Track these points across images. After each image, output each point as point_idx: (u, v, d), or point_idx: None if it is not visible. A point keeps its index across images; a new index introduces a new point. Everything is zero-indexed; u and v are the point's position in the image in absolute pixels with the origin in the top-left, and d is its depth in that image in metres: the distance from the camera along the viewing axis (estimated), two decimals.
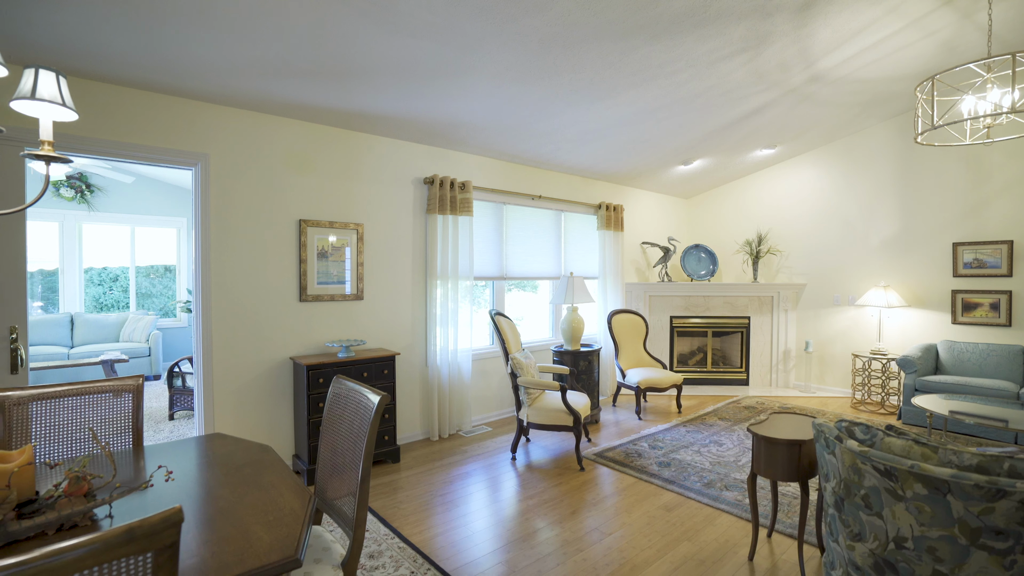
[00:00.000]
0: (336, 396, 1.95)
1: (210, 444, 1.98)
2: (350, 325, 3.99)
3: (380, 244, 4.16)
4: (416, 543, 2.72)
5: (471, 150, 4.68)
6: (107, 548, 0.82)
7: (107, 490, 1.49)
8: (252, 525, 1.36)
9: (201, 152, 3.34)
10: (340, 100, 3.47)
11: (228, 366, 3.44)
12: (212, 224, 3.37)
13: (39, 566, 0.76)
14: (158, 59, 2.81)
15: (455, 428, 4.54)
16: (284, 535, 1.30)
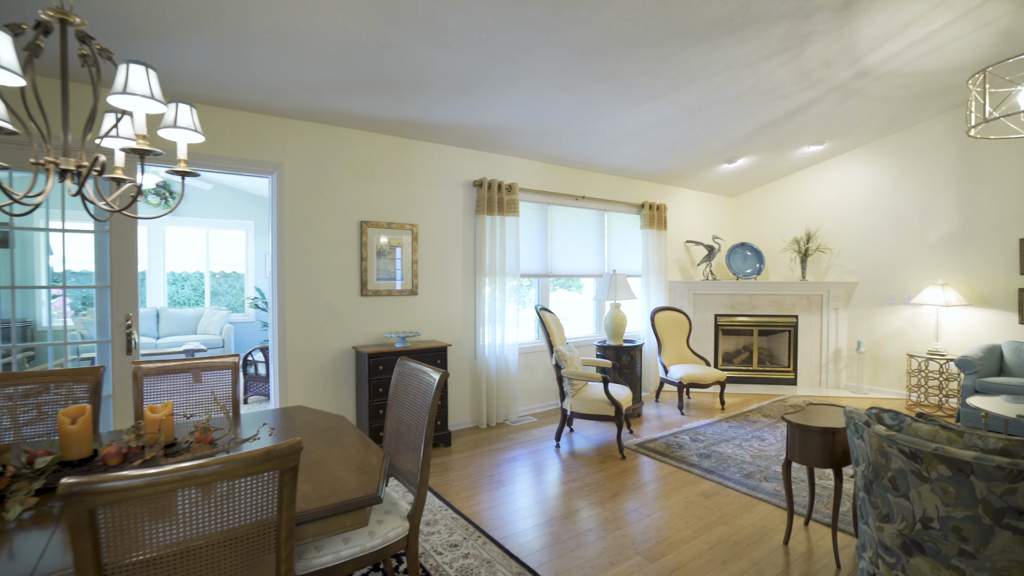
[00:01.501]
0: (401, 375, 2.23)
1: (295, 413, 2.31)
2: (406, 318, 4.32)
3: (433, 243, 4.47)
4: (467, 515, 2.98)
5: (517, 153, 4.92)
6: (253, 462, 1.11)
7: (225, 440, 1.82)
8: (340, 472, 1.64)
9: (277, 162, 3.74)
10: (396, 111, 3.79)
11: (299, 353, 3.83)
12: (286, 226, 3.77)
13: (215, 470, 1.04)
14: (242, 82, 3.20)
15: (502, 417, 4.79)
16: (367, 480, 1.57)
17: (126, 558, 1.07)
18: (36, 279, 5.46)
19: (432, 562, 2.48)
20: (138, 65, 1.36)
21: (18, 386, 2.07)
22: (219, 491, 1.13)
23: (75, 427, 1.53)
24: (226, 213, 8.03)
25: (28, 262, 6.06)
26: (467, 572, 2.40)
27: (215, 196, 7.92)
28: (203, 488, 1.10)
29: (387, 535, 1.86)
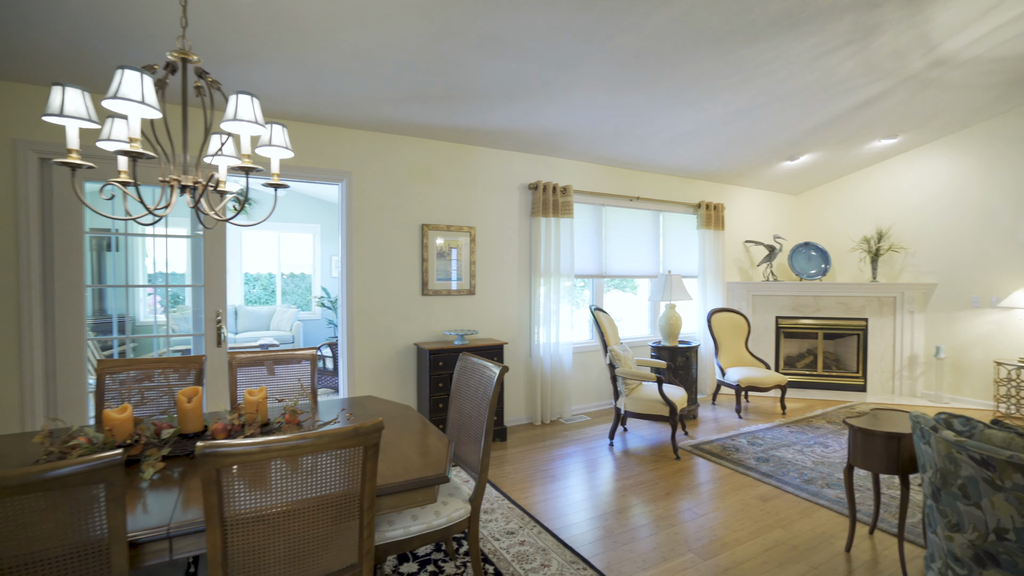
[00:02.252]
0: (463, 369, 2.39)
1: (367, 402, 2.52)
2: (464, 316, 4.51)
3: (490, 245, 4.64)
4: (522, 505, 3.11)
5: (570, 156, 5.01)
6: (342, 437, 1.28)
7: (309, 422, 2.04)
8: (410, 454, 1.81)
9: (346, 170, 4.02)
10: (454, 119, 3.98)
11: (365, 349, 4.10)
12: (354, 230, 4.05)
13: (313, 442, 1.22)
14: (317, 98, 3.49)
15: (556, 415, 4.89)
16: (435, 461, 1.73)
17: (242, 512, 1.27)
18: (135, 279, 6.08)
19: (490, 547, 2.63)
20: (245, 95, 1.58)
21: (140, 370, 2.40)
22: (315, 461, 1.31)
23: (191, 405, 1.78)
24: (295, 217, 8.59)
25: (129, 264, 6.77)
26: (523, 558, 2.53)
27: (286, 202, 8.50)
28: (303, 457, 1.29)
29: (451, 515, 2.01)
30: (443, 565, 2.46)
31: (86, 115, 1.54)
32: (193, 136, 2.91)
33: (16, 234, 3.13)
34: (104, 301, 6.84)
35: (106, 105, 1.44)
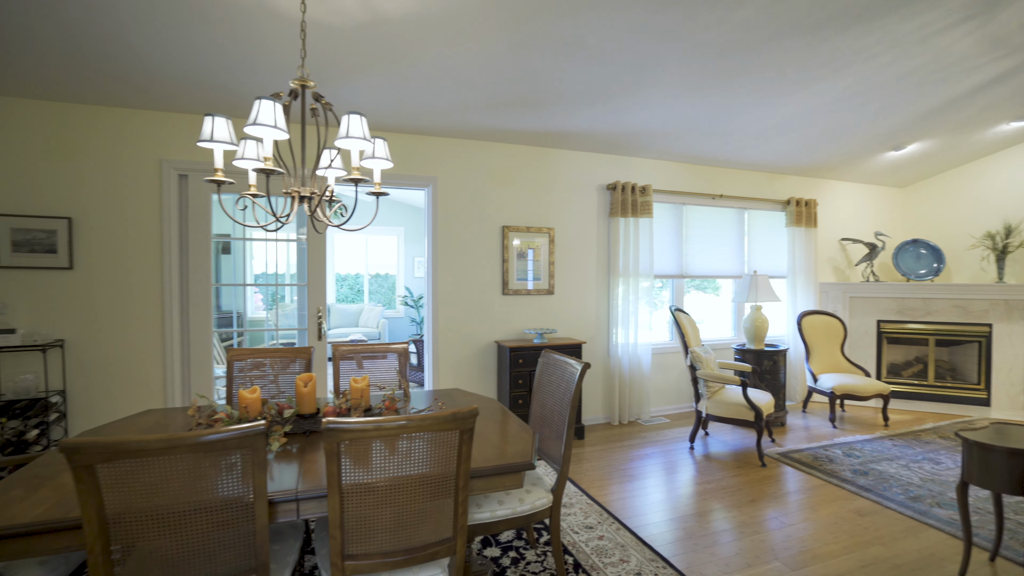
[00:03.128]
0: (545, 365, 2.49)
1: (454, 394, 2.70)
2: (543, 316, 4.62)
3: (568, 245, 4.72)
4: (601, 502, 3.16)
5: (650, 155, 4.95)
6: (443, 420, 1.42)
7: (406, 410, 2.24)
8: (498, 442, 1.94)
9: (432, 175, 4.27)
10: (534, 123, 4.10)
11: (449, 345, 4.33)
12: (439, 232, 4.29)
13: (417, 423, 1.38)
14: (406, 108, 3.75)
15: (634, 416, 4.86)
16: (521, 450, 1.84)
17: (356, 483, 1.45)
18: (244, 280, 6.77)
19: (569, 539, 2.71)
20: (355, 115, 1.78)
21: (259, 358, 2.74)
22: (418, 441, 1.47)
23: (306, 389, 2.03)
24: (381, 221, 9.15)
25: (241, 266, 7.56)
26: (602, 552, 2.58)
27: (373, 206, 9.07)
28: (408, 437, 1.45)
29: (534, 503, 2.12)
30: (524, 552, 2.57)
31: (228, 139, 1.82)
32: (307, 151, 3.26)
33: (161, 239, 3.66)
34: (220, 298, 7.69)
35: (247, 131, 1.69)
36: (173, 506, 1.33)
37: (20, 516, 1.37)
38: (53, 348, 3.41)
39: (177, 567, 1.37)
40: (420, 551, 1.56)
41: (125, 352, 3.60)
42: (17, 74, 3.11)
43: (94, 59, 2.97)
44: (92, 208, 3.51)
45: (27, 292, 3.40)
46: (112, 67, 3.06)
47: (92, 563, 1.28)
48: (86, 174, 3.50)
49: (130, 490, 1.29)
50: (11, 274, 3.37)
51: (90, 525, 1.26)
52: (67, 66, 3.04)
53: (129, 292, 3.60)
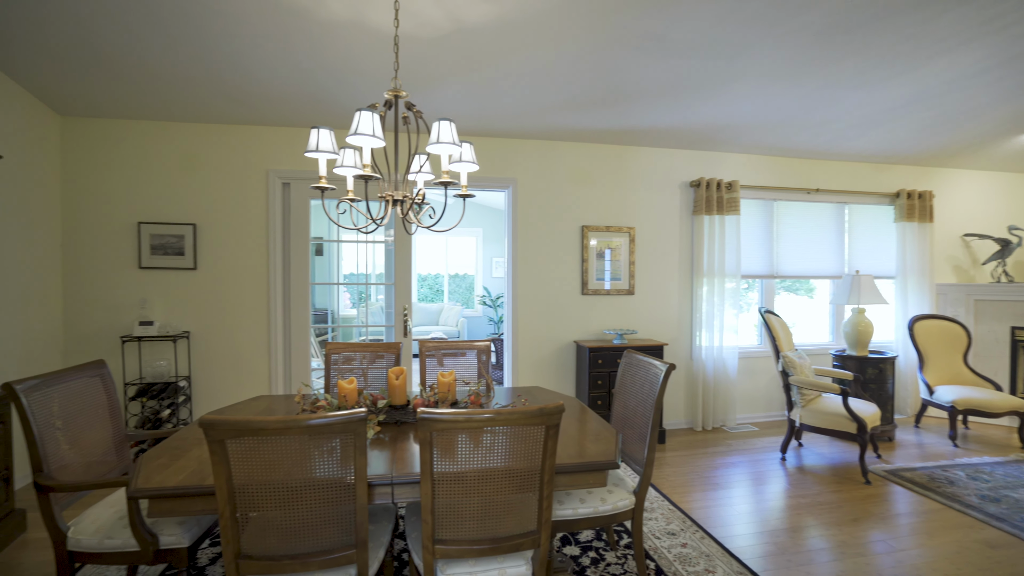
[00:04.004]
0: (628, 365, 2.46)
1: (535, 391, 2.74)
2: (622, 316, 4.55)
3: (649, 244, 4.61)
4: (684, 508, 3.06)
5: (737, 149, 4.71)
6: (530, 415, 1.46)
7: (490, 404, 2.31)
8: (581, 440, 1.95)
9: (511, 177, 4.35)
10: (613, 121, 4.04)
11: (528, 344, 4.38)
12: (519, 233, 4.36)
13: (506, 417, 1.43)
14: (487, 112, 3.84)
15: (719, 422, 4.65)
16: (605, 449, 1.84)
17: (446, 471, 1.53)
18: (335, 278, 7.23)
19: (650, 544, 2.65)
20: (445, 121, 1.87)
21: (353, 352, 2.95)
22: (505, 434, 1.52)
23: (398, 382, 2.15)
24: (460, 223, 9.43)
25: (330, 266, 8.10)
26: (685, 559, 2.50)
27: (453, 208, 9.38)
28: (496, 430, 1.50)
29: (616, 504, 2.10)
30: (604, 553, 2.56)
31: (331, 148, 1.98)
32: (399, 157, 3.45)
33: (267, 242, 4.03)
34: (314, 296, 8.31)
35: (349, 140, 1.83)
36: (286, 481, 1.47)
37: (167, 481, 1.59)
38: (181, 339, 3.87)
39: (290, 536, 1.52)
40: (505, 541, 1.61)
41: (237, 343, 4.01)
42: (157, 101, 3.57)
43: (216, 83, 3.34)
44: (212, 215, 3.94)
45: (162, 289, 3.88)
46: (230, 89, 3.42)
47: (223, 525, 1.45)
48: (207, 185, 3.93)
49: (252, 464, 1.45)
50: (150, 274, 3.86)
51: (221, 492, 1.43)
52: (195, 91, 3.44)
53: (241, 290, 4.00)
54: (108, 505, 2.00)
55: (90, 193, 3.78)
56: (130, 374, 3.83)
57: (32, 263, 3.47)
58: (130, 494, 1.55)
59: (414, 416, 2.18)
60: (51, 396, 1.92)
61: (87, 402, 2.10)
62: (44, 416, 1.87)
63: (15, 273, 3.31)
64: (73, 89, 3.39)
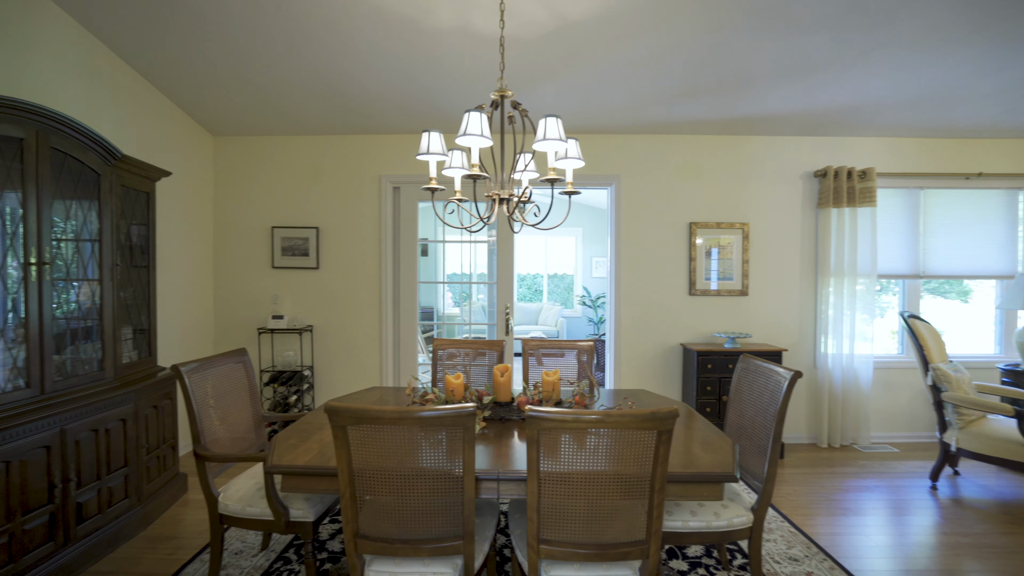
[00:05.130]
0: (745, 371, 2.27)
1: (641, 395, 2.63)
2: (734, 318, 4.23)
3: (764, 241, 4.24)
4: (807, 532, 2.76)
5: (872, 132, 4.17)
6: (641, 419, 1.39)
7: (595, 406, 2.26)
8: (693, 448, 1.83)
9: (615, 174, 4.23)
10: (724, 110, 3.76)
11: (630, 346, 4.24)
12: (621, 232, 4.23)
13: (616, 419, 1.37)
14: (589, 109, 3.77)
15: (848, 439, 4.15)
16: (720, 459, 1.71)
17: (552, 471, 1.50)
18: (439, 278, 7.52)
19: (768, 568, 2.42)
20: (552, 117, 1.85)
21: (458, 348, 3.04)
22: (614, 437, 1.46)
23: (503, 379, 2.18)
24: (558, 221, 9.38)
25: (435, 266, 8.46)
26: None
27: (556, 206, 9.36)
28: (605, 432, 1.45)
29: (732, 520, 1.94)
30: (715, 572, 2.38)
31: (441, 151, 2.04)
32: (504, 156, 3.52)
33: (379, 243, 4.30)
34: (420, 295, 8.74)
35: (459, 141, 1.88)
36: (399, 469, 1.54)
37: (297, 460, 1.74)
38: (306, 331, 4.26)
39: (402, 521, 1.58)
40: (611, 548, 1.55)
41: (353, 337, 4.32)
42: (288, 118, 3.97)
43: (336, 97, 3.63)
44: (332, 218, 4.29)
45: (290, 287, 4.31)
46: (347, 101, 3.70)
47: (344, 504, 1.55)
48: (329, 191, 4.29)
49: (369, 450, 1.53)
50: (281, 273, 4.30)
51: (342, 474, 1.53)
52: (318, 105, 3.77)
53: (356, 287, 4.31)
54: (249, 477, 2.24)
55: (235, 202, 4.30)
56: (264, 362, 4.29)
57: (191, 263, 4.02)
58: (267, 469, 1.71)
59: (518, 413, 2.19)
60: (206, 378, 2.20)
61: (233, 385, 2.38)
62: (201, 395, 2.14)
63: (180, 272, 3.86)
64: (224, 112, 3.88)
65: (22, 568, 2.11)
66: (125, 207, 2.81)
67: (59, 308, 2.43)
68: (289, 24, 2.83)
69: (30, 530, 2.15)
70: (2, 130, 2.09)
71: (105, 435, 2.52)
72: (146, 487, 2.81)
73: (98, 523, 2.47)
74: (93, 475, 2.45)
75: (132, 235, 2.90)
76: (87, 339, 2.59)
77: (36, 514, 2.17)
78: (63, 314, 2.45)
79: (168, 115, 3.71)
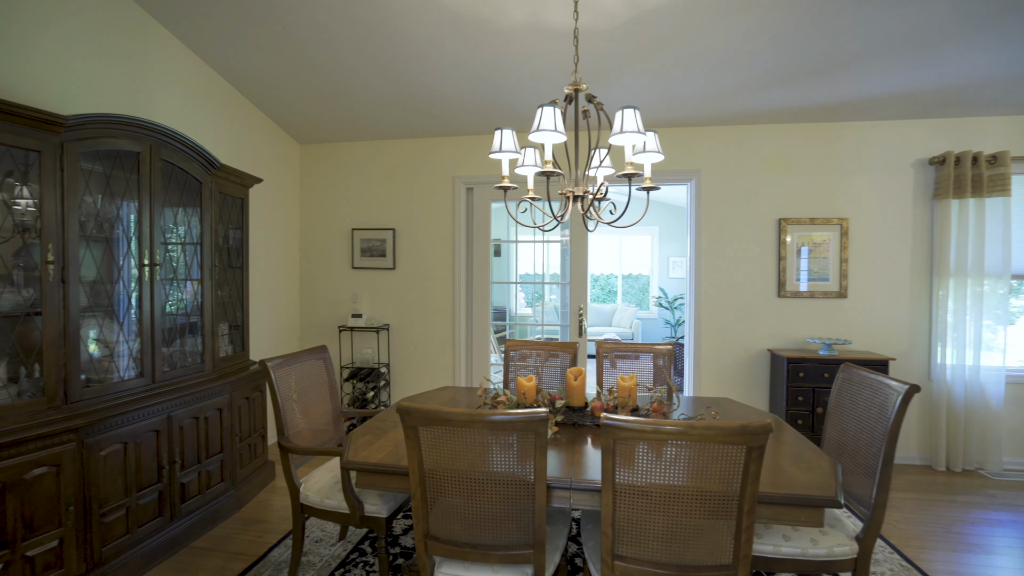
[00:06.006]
0: (847, 382, 2.03)
1: (725, 403, 2.44)
2: (831, 323, 3.85)
3: (867, 238, 3.82)
4: (924, 570, 2.43)
5: (1004, 110, 3.62)
6: (729, 433, 1.27)
7: (676, 414, 2.12)
8: (787, 466, 1.66)
9: (695, 169, 4.00)
10: (820, 94, 3.43)
11: (711, 350, 3.99)
12: (702, 230, 3.99)
13: (700, 432, 1.26)
14: (668, 101, 3.58)
15: (973, 464, 3.64)
16: (820, 481, 1.52)
17: (629, 483, 1.41)
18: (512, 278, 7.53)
19: None
20: (630, 109, 1.75)
21: (530, 349, 2.99)
22: (697, 451, 1.34)
23: (576, 383, 2.10)
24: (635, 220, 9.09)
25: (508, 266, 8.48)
26: None
27: (631, 207, 9.10)
28: (687, 444, 1.33)
29: (832, 549, 1.74)
30: None
31: (514, 148, 2.00)
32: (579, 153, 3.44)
33: (452, 244, 4.35)
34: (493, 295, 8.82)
35: (532, 138, 1.84)
36: (469, 472, 1.51)
37: (371, 457, 1.77)
38: (382, 330, 4.41)
39: (472, 525, 1.56)
40: (693, 571, 1.43)
41: (427, 336, 4.41)
42: (366, 124, 4.13)
43: (411, 100, 3.72)
44: (407, 220, 4.41)
45: (368, 286, 4.48)
46: (422, 104, 3.77)
47: (415, 505, 1.55)
48: (404, 193, 4.41)
49: (440, 451, 1.52)
50: (360, 273, 4.49)
51: (413, 474, 1.53)
52: (394, 110, 3.88)
53: (430, 288, 4.40)
54: (327, 470, 2.33)
55: (319, 205, 4.55)
56: (344, 358, 4.49)
57: (280, 264, 4.30)
58: (342, 465, 1.76)
59: (592, 419, 2.10)
60: (290, 373, 2.31)
61: (314, 380, 2.49)
62: (285, 389, 2.25)
63: (270, 272, 4.14)
64: (309, 121, 4.10)
65: (137, 539, 2.33)
66: (222, 212, 3.04)
67: (168, 306, 2.66)
68: (366, 33, 2.93)
69: (143, 505, 2.37)
70: (123, 145, 2.32)
71: (204, 423, 2.73)
72: (239, 472, 3.02)
73: (198, 503, 2.68)
74: (194, 459, 2.67)
75: (228, 238, 3.13)
76: (190, 334, 2.82)
77: (148, 491, 2.39)
78: (170, 311, 2.69)
79: (260, 125, 3.98)
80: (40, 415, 2.00)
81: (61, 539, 2.02)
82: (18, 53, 2.27)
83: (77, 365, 2.13)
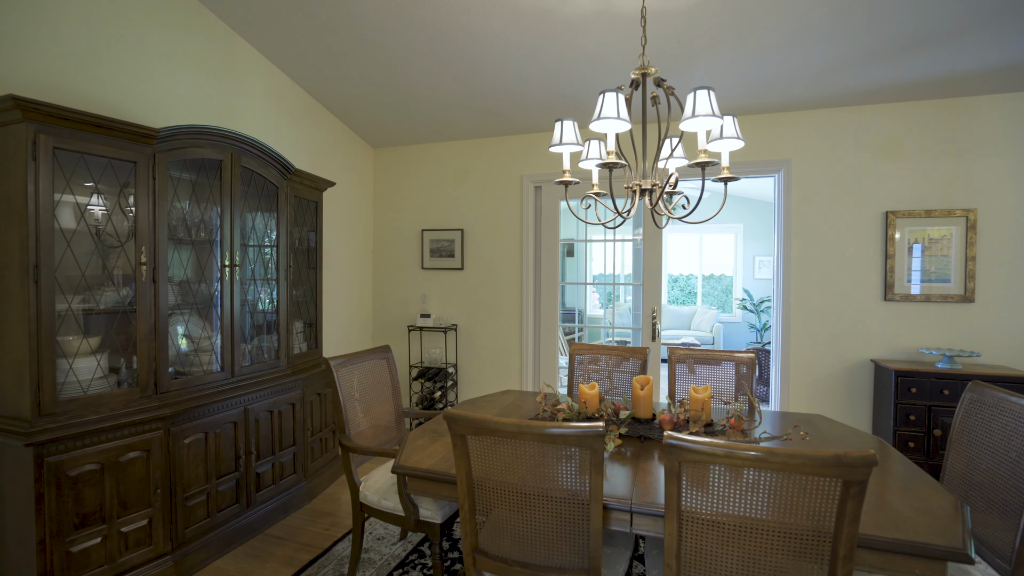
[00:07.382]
0: (977, 404, 1.70)
1: (817, 421, 2.15)
2: (953, 331, 3.33)
3: (1001, 232, 3.26)
4: None
5: None
6: (822, 464, 1.07)
7: (757, 432, 1.90)
8: (896, 503, 1.39)
9: (783, 159, 3.63)
10: (934, 66, 2.95)
11: (802, 359, 3.59)
12: (793, 225, 3.61)
13: (783, 460, 1.07)
14: (751, 85, 3.26)
15: None
16: (941, 527, 1.26)
17: (697, 510, 1.24)
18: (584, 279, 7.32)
19: None
20: (703, 90, 1.57)
21: (595, 354, 2.84)
22: (780, 481, 1.15)
23: (643, 393, 1.93)
24: (717, 218, 8.54)
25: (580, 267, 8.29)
26: None
27: (708, 202, 8.57)
28: (767, 472, 1.15)
29: None
30: None
31: (575, 140, 1.88)
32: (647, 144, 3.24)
33: (520, 243, 4.28)
34: (564, 296, 8.66)
35: (593, 127, 1.70)
36: (520, 486, 1.41)
37: (422, 463, 1.72)
38: (450, 330, 4.42)
39: (522, 543, 1.46)
40: None
41: (494, 337, 4.37)
42: (436, 126, 4.16)
43: (478, 100, 3.68)
44: (475, 220, 4.40)
45: (437, 286, 4.52)
46: (491, 104, 3.73)
47: (463, 517, 1.48)
48: (472, 193, 4.40)
49: (490, 462, 1.43)
50: (429, 273, 4.54)
51: (461, 484, 1.45)
52: (461, 111, 3.87)
53: (498, 288, 4.35)
54: (385, 471, 2.33)
55: (390, 207, 4.66)
56: (413, 358, 4.56)
57: (353, 265, 4.45)
58: (393, 469, 1.73)
59: (659, 432, 1.92)
60: (352, 373, 2.34)
61: (376, 380, 2.51)
62: (348, 388, 2.28)
63: (343, 272, 4.29)
64: (381, 124, 4.21)
65: (216, 523, 2.47)
66: (297, 215, 3.17)
67: (247, 304, 2.81)
68: (432, 33, 2.92)
69: (222, 492, 2.51)
70: (207, 154, 2.47)
71: (278, 416, 2.85)
72: (310, 465, 3.13)
73: (272, 492, 2.80)
74: (269, 450, 2.79)
75: (303, 240, 3.26)
76: (267, 331, 2.96)
77: (226, 479, 2.52)
78: (248, 309, 2.84)
79: (334, 131, 4.14)
80: (134, 403, 2.16)
81: (150, 519, 2.17)
82: (113, 71, 2.49)
83: (166, 358, 2.29)
